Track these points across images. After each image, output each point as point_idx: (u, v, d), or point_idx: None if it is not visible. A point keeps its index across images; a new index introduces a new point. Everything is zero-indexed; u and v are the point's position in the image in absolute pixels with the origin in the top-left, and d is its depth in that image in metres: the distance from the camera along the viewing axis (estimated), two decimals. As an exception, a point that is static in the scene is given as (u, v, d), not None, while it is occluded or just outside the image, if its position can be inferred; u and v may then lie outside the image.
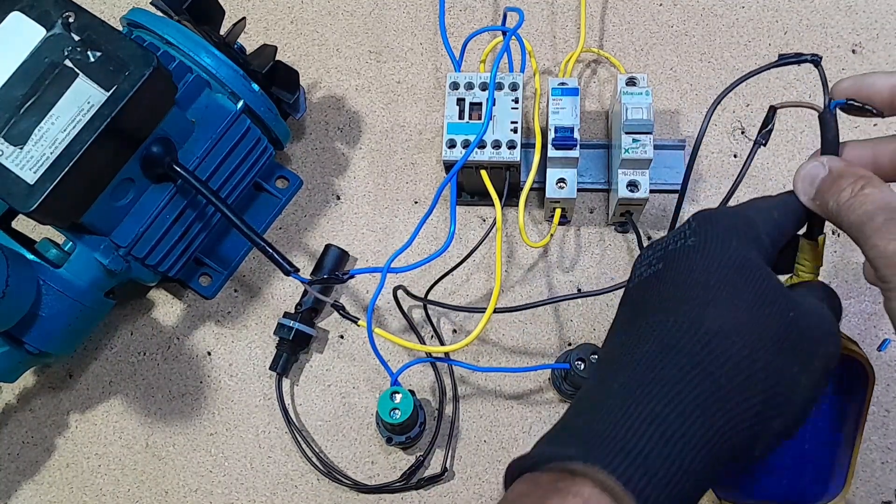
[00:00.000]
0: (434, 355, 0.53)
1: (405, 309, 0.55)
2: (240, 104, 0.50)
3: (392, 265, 0.49)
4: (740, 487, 0.46)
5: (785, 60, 0.39)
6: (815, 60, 0.38)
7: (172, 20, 0.50)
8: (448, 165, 0.51)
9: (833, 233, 0.54)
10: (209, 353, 0.56)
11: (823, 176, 0.37)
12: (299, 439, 0.53)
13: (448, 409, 0.53)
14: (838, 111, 0.38)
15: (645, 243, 0.54)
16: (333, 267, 0.55)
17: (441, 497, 0.52)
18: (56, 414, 0.56)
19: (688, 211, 0.55)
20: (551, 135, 0.50)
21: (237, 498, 0.53)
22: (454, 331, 0.55)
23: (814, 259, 0.39)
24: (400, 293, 0.54)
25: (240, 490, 0.53)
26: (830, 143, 0.37)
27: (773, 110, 0.39)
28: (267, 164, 0.55)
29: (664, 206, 0.56)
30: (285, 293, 0.57)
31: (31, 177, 0.42)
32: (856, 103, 0.37)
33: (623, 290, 0.37)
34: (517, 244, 0.56)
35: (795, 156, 0.56)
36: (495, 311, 0.48)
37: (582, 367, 0.46)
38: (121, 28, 0.49)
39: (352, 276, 0.50)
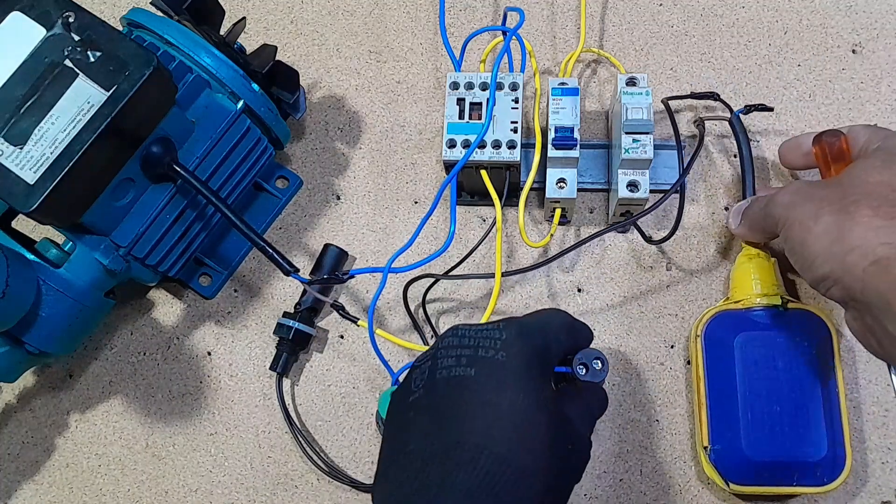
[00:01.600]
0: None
1: (412, 309, 0.55)
2: (240, 104, 0.50)
3: (392, 265, 0.49)
4: (746, 461, 0.47)
5: (695, 95, 0.56)
6: (715, 96, 0.55)
7: (172, 20, 0.50)
8: (448, 165, 0.51)
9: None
10: (209, 353, 0.56)
11: (746, 205, 0.50)
12: (299, 439, 0.53)
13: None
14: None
15: (648, 242, 0.54)
16: (332, 266, 0.55)
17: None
18: (56, 414, 0.56)
19: (688, 211, 0.55)
20: (551, 135, 0.50)
21: (237, 498, 0.53)
22: (454, 331, 0.55)
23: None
24: (410, 287, 0.54)
25: (240, 490, 0.53)
26: (744, 147, 0.54)
27: (701, 121, 0.56)
28: (267, 164, 0.55)
29: (664, 205, 0.56)
30: (285, 293, 0.57)
31: (31, 177, 0.42)
32: (752, 105, 0.54)
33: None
34: (517, 244, 0.56)
35: (795, 156, 0.56)
36: (503, 274, 0.51)
37: (584, 371, 0.45)
38: (121, 28, 0.49)
39: (352, 277, 0.50)
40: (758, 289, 0.49)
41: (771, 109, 0.54)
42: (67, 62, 0.43)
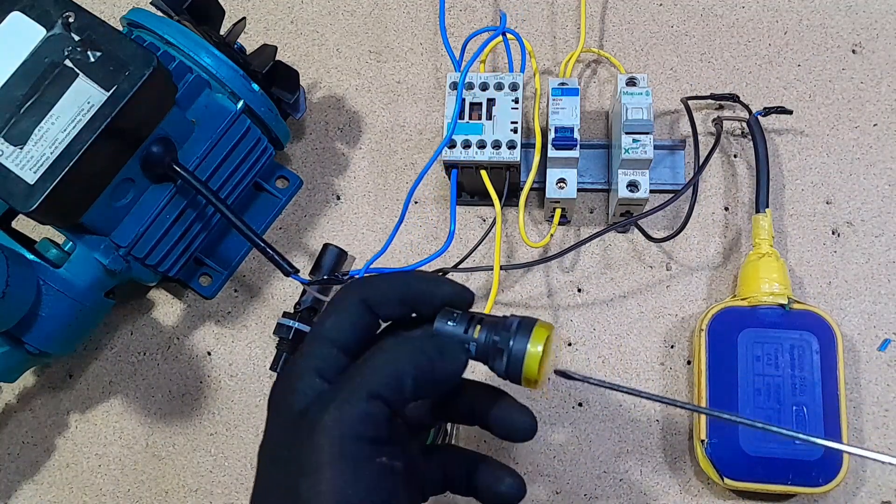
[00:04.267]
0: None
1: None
2: (240, 104, 0.50)
3: (393, 265, 0.49)
4: (741, 456, 0.47)
5: (714, 96, 0.56)
6: (734, 97, 0.55)
7: (172, 20, 0.50)
8: (448, 165, 0.51)
9: (833, 232, 0.54)
10: (209, 353, 0.56)
11: None
12: (299, 439, 0.53)
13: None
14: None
15: (652, 241, 0.54)
16: (332, 266, 0.55)
17: (440, 497, 0.52)
18: (56, 414, 0.56)
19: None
20: (551, 135, 0.50)
21: (237, 498, 0.53)
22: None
23: (765, 229, 0.51)
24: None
25: (240, 490, 0.53)
26: (761, 148, 0.53)
27: (720, 121, 0.56)
28: (267, 164, 0.55)
29: (661, 204, 0.56)
30: (285, 293, 0.57)
31: (31, 177, 0.42)
32: (771, 108, 0.54)
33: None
34: (517, 244, 0.56)
35: (796, 155, 0.56)
36: (501, 267, 0.51)
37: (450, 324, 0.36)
38: (121, 28, 0.49)
39: (351, 277, 0.50)
40: (765, 287, 0.50)
41: (790, 112, 0.55)
42: (67, 62, 0.43)
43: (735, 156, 0.56)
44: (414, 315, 0.36)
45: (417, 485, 0.37)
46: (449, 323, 0.35)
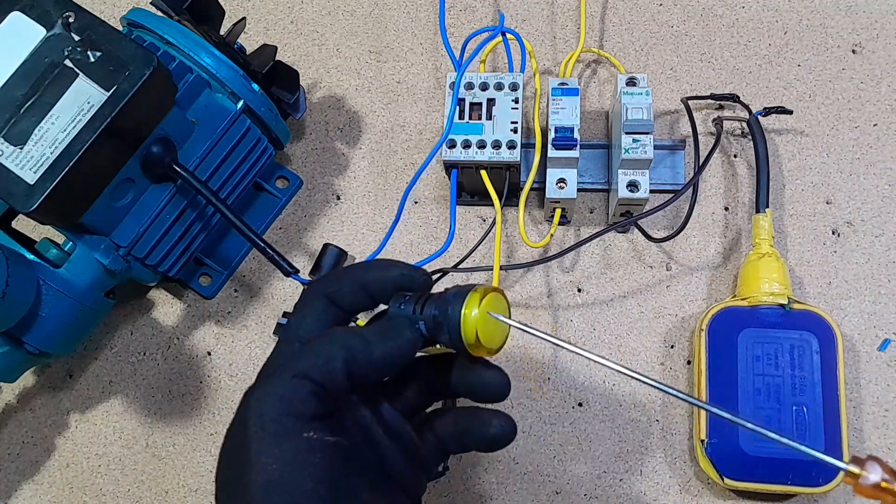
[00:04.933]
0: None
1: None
2: (240, 104, 0.50)
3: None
4: (741, 456, 0.47)
5: (714, 96, 0.56)
6: (735, 97, 0.55)
7: (172, 20, 0.50)
8: (448, 165, 0.51)
9: (833, 232, 0.54)
10: (209, 353, 0.56)
11: None
12: (299, 439, 0.53)
13: (448, 409, 0.53)
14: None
15: (652, 241, 0.54)
16: (332, 266, 0.55)
17: (440, 497, 0.52)
18: (56, 414, 0.56)
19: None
20: (551, 135, 0.50)
21: (237, 498, 0.53)
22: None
23: (765, 229, 0.51)
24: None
25: (240, 490, 0.53)
26: (761, 148, 0.53)
27: (720, 120, 0.56)
28: (267, 164, 0.55)
29: (661, 204, 0.56)
30: (285, 293, 0.57)
31: (31, 177, 0.42)
32: (771, 108, 0.54)
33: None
34: (517, 244, 0.56)
35: (796, 155, 0.56)
36: (502, 268, 0.51)
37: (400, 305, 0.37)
38: (121, 28, 0.49)
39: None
40: (765, 287, 0.50)
41: (790, 112, 0.55)
42: (67, 62, 0.43)
43: (735, 156, 0.56)
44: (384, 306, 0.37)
45: (417, 464, 0.38)
46: (401, 306, 0.36)
